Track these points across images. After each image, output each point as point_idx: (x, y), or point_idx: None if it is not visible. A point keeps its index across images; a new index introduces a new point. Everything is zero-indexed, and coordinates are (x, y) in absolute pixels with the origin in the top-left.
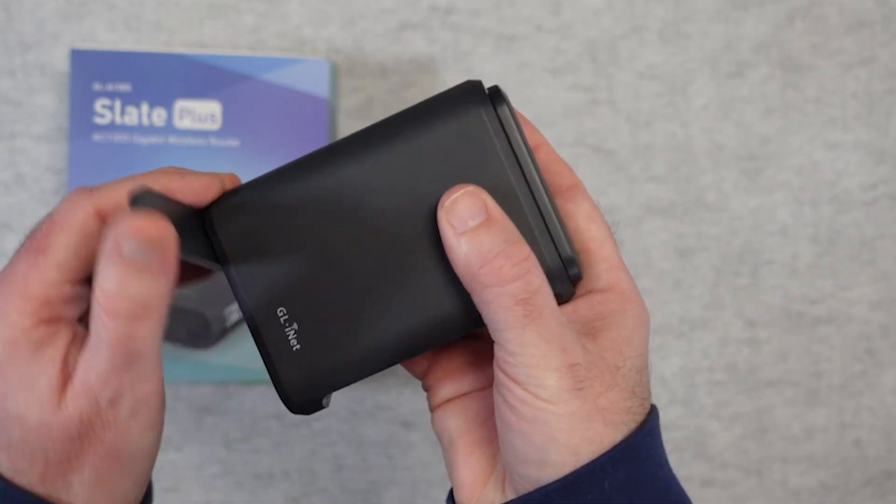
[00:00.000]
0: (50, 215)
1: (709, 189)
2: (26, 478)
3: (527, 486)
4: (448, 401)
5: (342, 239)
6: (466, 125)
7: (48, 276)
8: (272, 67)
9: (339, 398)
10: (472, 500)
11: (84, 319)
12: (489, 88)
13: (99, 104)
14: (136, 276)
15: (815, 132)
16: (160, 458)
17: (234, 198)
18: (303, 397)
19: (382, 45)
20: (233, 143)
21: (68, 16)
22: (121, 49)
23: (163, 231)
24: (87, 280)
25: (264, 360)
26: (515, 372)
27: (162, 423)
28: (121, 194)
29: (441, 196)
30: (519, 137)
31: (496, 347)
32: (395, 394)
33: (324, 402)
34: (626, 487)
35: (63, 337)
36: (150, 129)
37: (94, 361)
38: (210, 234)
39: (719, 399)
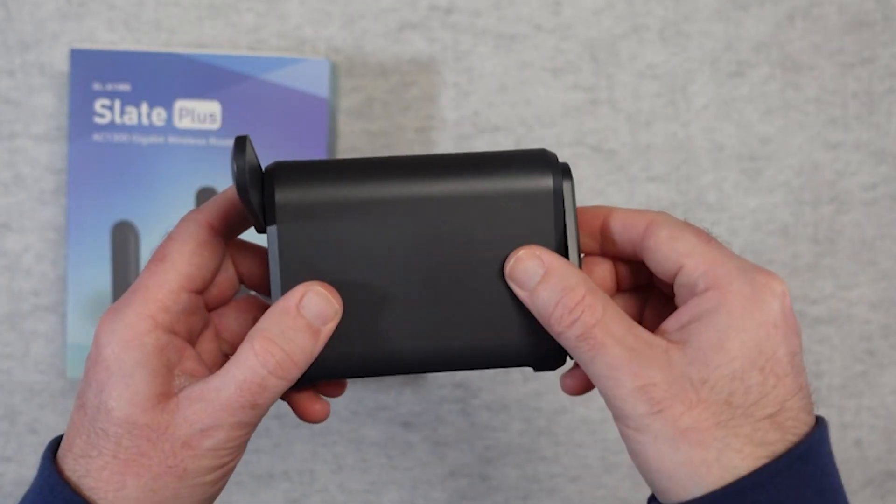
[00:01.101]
0: (168, 233)
1: (709, 189)
2: (87, 464)
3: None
4: None
5: (387, 249)
6: (535, 188)
7: (167, 281)
8: (272, 67)
9: (339, 398)
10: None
11: (197, 342)
12: (562, 164)
13: (99, 104)
14: (303, 331)
15: (816, 132)
16: None
17: (296, 167)
18: (302, 376)
19: (382, 45)
20: (232, 142)
21: (68, 16)
22: (121, 49)
23: (340, 307)
24: (200, 291)
25: None
26: (609, 405)
27: (235, 462)
28: (223, 207)
29: (489, 241)
30: (573, 213)
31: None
32: (394, 394)
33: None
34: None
35: (173, 351)
36: (150, 129)
37: (214, 390)
38: (267, 193)
39: None
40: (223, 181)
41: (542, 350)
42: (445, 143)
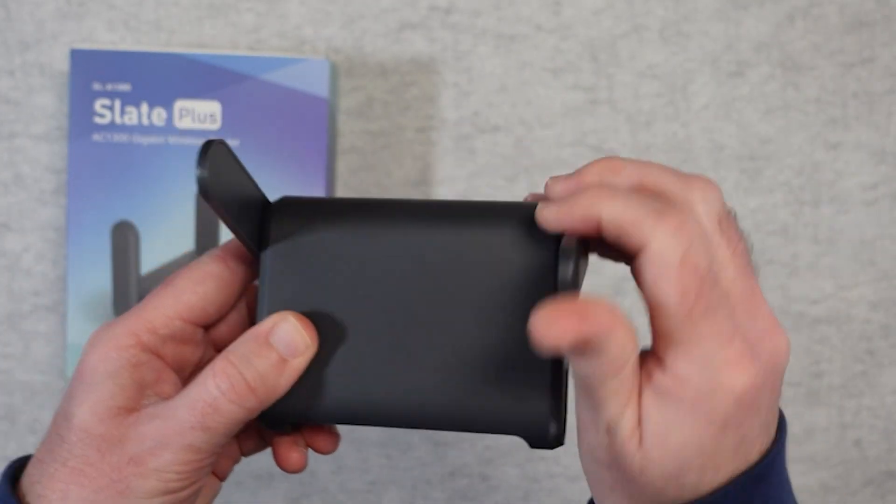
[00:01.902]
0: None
1: None
2: (40, 470)
3: None
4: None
5: (380, 292)
6: (536, 241)
7: (163, 305)
8: (272, 67)
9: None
10: None
11: (188, 373)
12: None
13: (99, 104)
14: (267, 358)
15: (816, 132)
16: None
17: (300, 201)
18: (276, 414)
19: (382, 45)
20: (233, 142)
21: (68, 16)
22: (120, 49)
23: (314, 343)
24: (203, 324)
25: None
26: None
27: (186, 496)
28: (238, 242)
29: (488, 289)
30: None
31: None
32: None
33: (286, 427)
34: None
35: (149, 371)
36: (150, 129)
37: (170, 409)
38: (265, 220)
39: None
40: None
41: (538, 423)
42: (445, 143)
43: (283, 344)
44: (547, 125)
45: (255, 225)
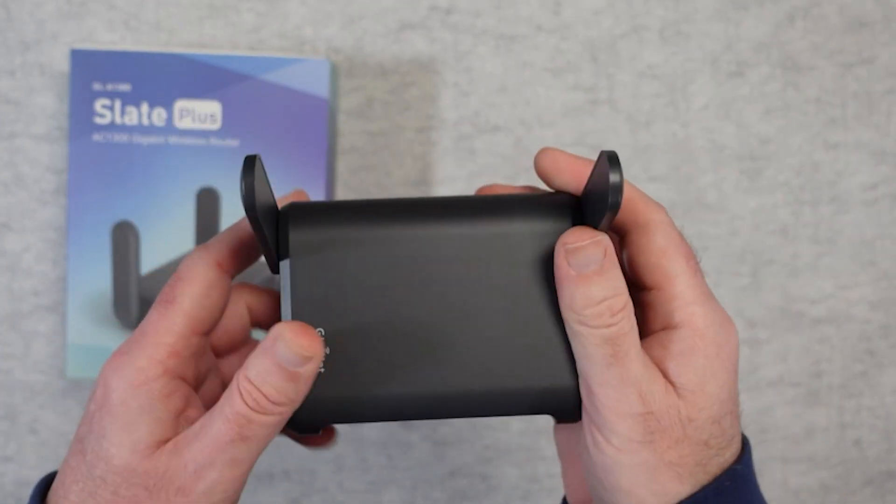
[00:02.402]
0: (176, 272)
1: (709, 189)
2: None
3: None
4: (564, 427)
5: (403, 291)
6: (553, 230)
7: (176, 324)
8: (272, 67)
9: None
10: None
11: (201, 385)
12: (574, 206)
13: (99, 104)
14: (277, 375)
15: (816, 132)
16: None
17: (312, 206)
18: (305, 418)
19: (382, 45)
20: (233, 143)
21: (68, 16)
22: (121, 49)
23: (316, 349)
24: (206, 334)
25: None
26: (594, 413)
27: None
28: (234, 243)
29: (507, 280)
30: None
31: (581, 384)
32: None
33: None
34: None
35: (178, 398)
36: (150, 129)
37: (204, 429)
38: (282, 230)
39: None
40: (223, 181)
41: (566, 398)
42: (445, 143)
43: (286, 360)
44: (547, 125)
45: (274, 236)
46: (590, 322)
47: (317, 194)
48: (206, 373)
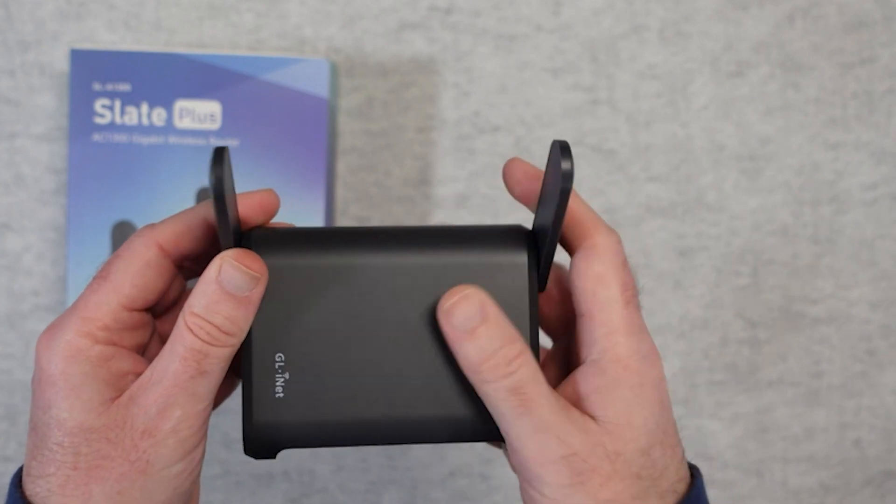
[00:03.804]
0: (117, 249)
1: (709, 189)
2: (47, 483)
3: None
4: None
5: (361, 319)
6: (506, 261)
7: (107, 299)
8: (272, 67)
9: None
10: None
11: (144, 351)
12: (529, 239)
13: (99, 104)
14: (226, 303)
15: (816, 132)
16: None
17: (275, 232)
18: (262, 444)
19: (382, 45)
20: (233, 142)
21: (68, 16)
22: (121, 49)
23: (262, 270)
24: (146, 310)
25: (244, 394)
26: (520, 469)
27: (198, 453)
28: (180, 227)
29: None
30: (534, 288)
31: (506, 444)
32: None
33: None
34: None
35: (120, 360)
36: (150, 129)
37: (159, 370)
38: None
39: (719, 399)
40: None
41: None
42: (445, 143)
43: (233, 286)
44: (547, 125)
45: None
46: (489, 377)
47: (317, 194)
48: (148, 338)
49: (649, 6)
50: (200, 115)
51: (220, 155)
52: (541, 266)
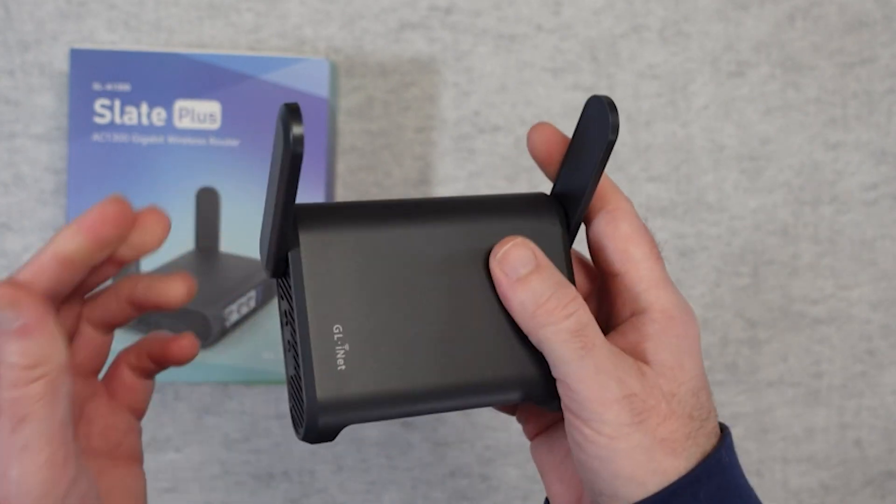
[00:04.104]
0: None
1: (709, 189)
2: None
3: None
4: (539, 433)
5: (409, 287)
6: (542, 226)
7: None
8: (272, 67)
9: None
10: None
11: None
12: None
13: (98, 104)
14: (12, 341)
15: (816, 132)
16: (160, 458)
17: (320, 207)
18: (326, 423)
19: (382, 45)
20: (232, 142)
21: (68, 16)
22: (120, 49)
23: (14, 295)
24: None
25: (304, 373)
26: (578, 409)
27: (61, 488)
28: (33, 272)
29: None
30: (569, 250)
31: (559, 387)
32: None
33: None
34: (717, 496)
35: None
36: (150, 129)
37: None
38: (291, 231)
39: (719, 399)
40: (223, 181)
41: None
42: (445, 143)
43: (4, 321)
44: None
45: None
46: (546, 320)
47: (317, 194)
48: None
49: (649, 6)
50: (200, 115)
51: (297, 112)
52: (571, 227)
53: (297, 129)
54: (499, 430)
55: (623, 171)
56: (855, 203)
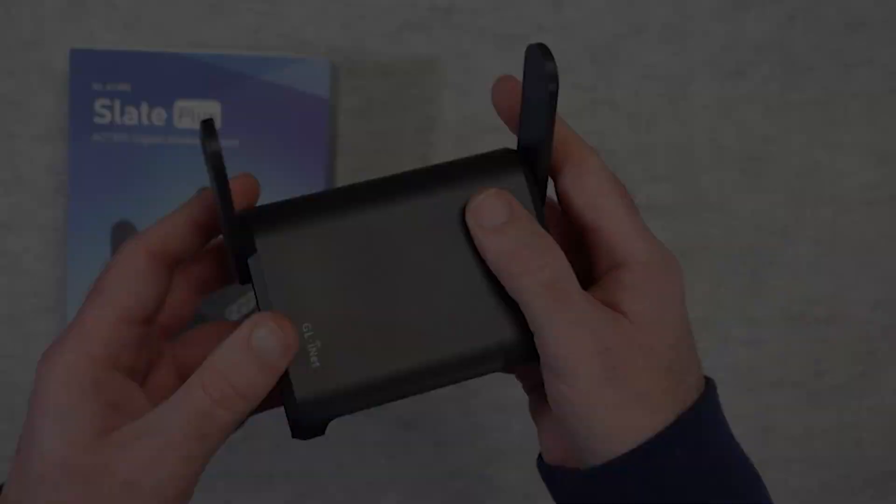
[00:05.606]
0: (108, 262)
1: (709, 189)
2: None
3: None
4: (535, 387)
5: (377, 271)
6: (505, 183)
7: (103, 313)
8: (272, 67)
9: None
10: (556, 464)
11: (147, 377)
12: (521, 157)
13: (99, 104)
14: (250, 366)
15: (816, 132)
16: None
17: (268, 208)
18: (311, 418)
19: (382, 45)
20: (233, 142)
21: (68, 16)
22: (120, 49)
23: (297, 340)
24: (144, 323)
25: (280, 380)
26: (553, 364)
27: None
28: (166, 230)
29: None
30: (541, 204)
31: (536, 341)
32: None
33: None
34: (695, 453)
35: (116, 390)
36: (150, 129)
37: (157, 420)
38: (246, 238)
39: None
40: None
41: (525, 342)
42: (445, 144)
43: (264, 351)
44: None
45: (236, 240)
46: (521, 269)
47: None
48: (152, 361)
49: (649, 6)
50: (200, 114)
51: (211, 127)
52: (538, 179)
53: (213, 146)
54: (499, 430)
55: (623, 171)
56: (855, 203)
